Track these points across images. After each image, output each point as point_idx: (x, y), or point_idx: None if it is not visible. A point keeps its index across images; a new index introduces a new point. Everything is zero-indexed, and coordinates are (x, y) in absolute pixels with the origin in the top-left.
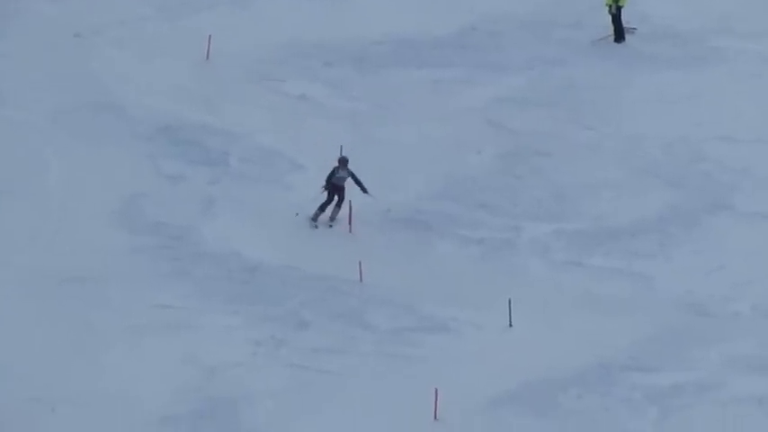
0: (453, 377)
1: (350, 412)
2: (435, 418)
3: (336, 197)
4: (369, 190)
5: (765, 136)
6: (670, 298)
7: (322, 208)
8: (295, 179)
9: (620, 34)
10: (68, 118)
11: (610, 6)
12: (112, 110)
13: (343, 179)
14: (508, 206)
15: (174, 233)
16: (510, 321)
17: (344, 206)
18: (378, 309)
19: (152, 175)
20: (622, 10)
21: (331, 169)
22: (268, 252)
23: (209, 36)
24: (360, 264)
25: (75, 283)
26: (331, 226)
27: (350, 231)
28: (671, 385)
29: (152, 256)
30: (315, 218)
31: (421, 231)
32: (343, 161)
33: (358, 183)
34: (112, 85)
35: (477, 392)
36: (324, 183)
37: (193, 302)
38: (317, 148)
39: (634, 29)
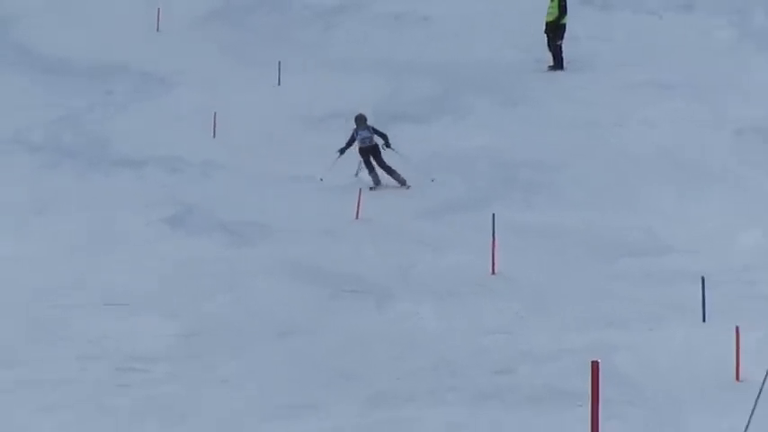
0: None
1: (92, 30)
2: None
3: (373, 159)
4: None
5: None
6: None
7: (370, 171)
8: None
9: None
10: None
11: None
12: None
13: (369, 138)
14: None
15: None
16: None
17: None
18: None
19: None
20: None
21: (350, 133)
22: None
23: None
24: None
25: None
26: (408, 186)
27: None
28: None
29: None
30: (376, 183)
31: None
32: (361, 119)
33: (382, 135)
34: None
35: (192, 9)
36: (341, 148)
37: None
38: None
39: None
